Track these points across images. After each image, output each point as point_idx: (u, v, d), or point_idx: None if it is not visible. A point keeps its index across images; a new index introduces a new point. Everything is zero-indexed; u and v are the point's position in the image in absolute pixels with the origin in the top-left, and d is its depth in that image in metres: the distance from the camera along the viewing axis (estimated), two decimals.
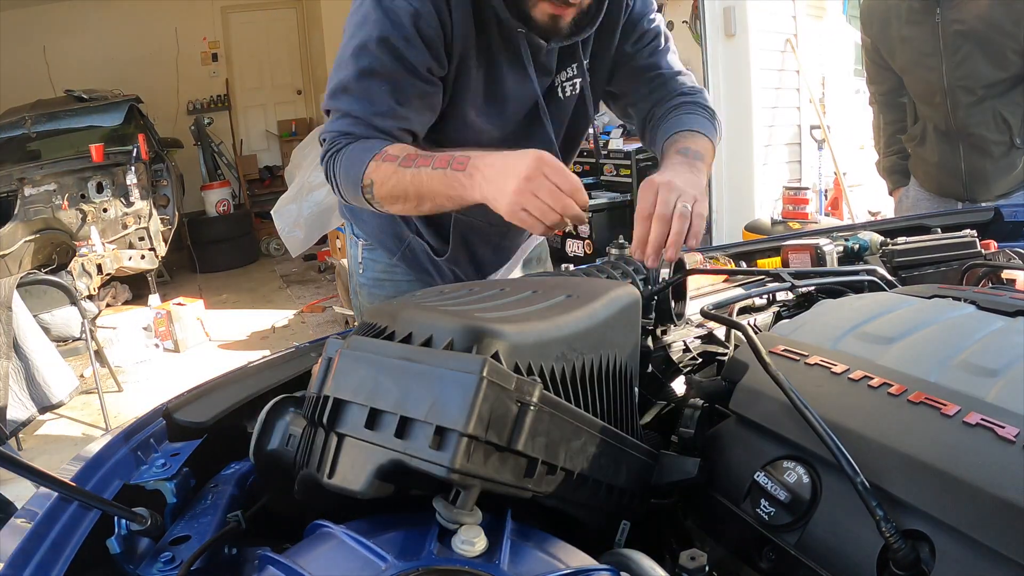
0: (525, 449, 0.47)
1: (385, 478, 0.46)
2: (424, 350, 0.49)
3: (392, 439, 0.45)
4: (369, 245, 1.52)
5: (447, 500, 0.45)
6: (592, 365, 0.60)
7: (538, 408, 0.47)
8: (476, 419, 0.43)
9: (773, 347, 0.74)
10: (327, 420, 0.49)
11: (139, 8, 7.64)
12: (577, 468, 0.54)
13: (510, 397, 0.46)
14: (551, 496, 0.53)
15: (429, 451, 0.44)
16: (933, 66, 2.11)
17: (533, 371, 0.52)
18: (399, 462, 0.45)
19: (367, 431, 0.47)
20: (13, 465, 0.50)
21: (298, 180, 5.04)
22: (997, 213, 1.60)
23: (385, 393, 0.47)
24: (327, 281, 6.17)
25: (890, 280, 1.08)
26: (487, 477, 0.45)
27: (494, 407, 0.44)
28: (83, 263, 4.98)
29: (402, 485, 0.47)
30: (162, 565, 0.55)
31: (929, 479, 0.53)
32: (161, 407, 0.79)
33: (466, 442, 0.43)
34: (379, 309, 0.60)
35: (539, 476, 0.50)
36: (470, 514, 0.45)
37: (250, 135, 8.78)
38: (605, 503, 0.60)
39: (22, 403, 3.05)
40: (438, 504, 0.45)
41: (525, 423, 0.46)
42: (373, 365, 0.48)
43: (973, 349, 0.66)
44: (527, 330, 0.53)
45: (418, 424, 0.45)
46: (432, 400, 0.45)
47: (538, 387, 0.47)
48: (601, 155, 5.03)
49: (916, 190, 2.44)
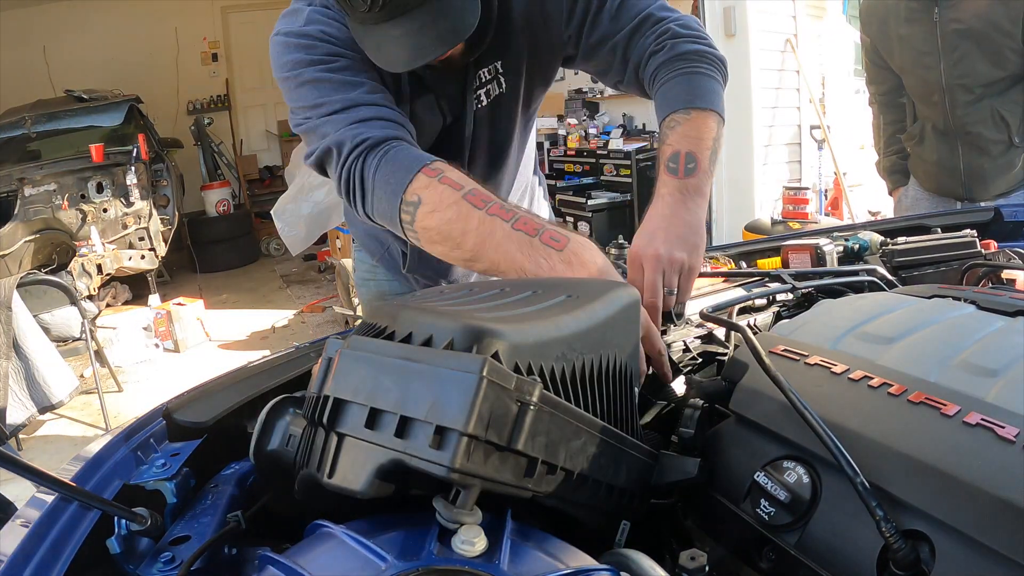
0: (525, 449, 0.47)
1: (385, 478, 0.46)
2: (424, 350, 0.49)
3: (392, 439, 0.45)
4: (358, 246, 1.57)
5: (447, 500, 0.45)
6: (592, 365, 0.60)
7: (538, 408, 0.47)
8: (476, 419, 0.43)
9: (773, 347, 0.74)
10: (327, 420, 0.49)
11: (139, 8, 7.65)
12: (577, 468, 0.54)
13: (510, 397, 0.46)
14: (551, 496, 0.53)
15: (429, 451, 0.44)
16: (931, 65, 2.11)
17: (533, 371, 0.52)
18: (399, 462, 0.45)
19: (367, 431, 0.47)
20: (13, 465, 0.50)
21: (298, 180, 5.04)
22: (997, 213, 1.60)
23: (385, 393, 0.47)
24: (327, 281, 6.17)
25: (890, 280, 1.08)
26: (487, 477, 0.45)
27: (494, 407, 0.44)
28: (83, 263, 4.98)
29: (402, 485, 0.47)
30: (162, 565, 0.55)
31: (929, 479, 0.53)
32: (161, 407, 0.79)
33: (466, 442, 0.43)
34: (379, 309, 0.60)
35: (539, 476, 0.50)
36: (470, 514, 0.45)
37: (250, 135, 8.78)
38: (605, 503, 0.60)
39: (22, 403, 3.05)
40: (438, 504, 0.45)
41: (525, 423, 0.47)
42: (373, 365, 0.48)
43: (973, 349, 0.66)
44: (527, 330, 0.53)
45: (418, 424, 0.45)
46: (432, 400, 0.45)
47: (538, 387, 0.47)
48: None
49: (915, 189, 2.45)
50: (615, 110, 6.23)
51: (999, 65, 2.03)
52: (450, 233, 0.88)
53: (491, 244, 0.85)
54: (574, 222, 5.53)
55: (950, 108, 2.13)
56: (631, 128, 5.98)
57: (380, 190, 0.95)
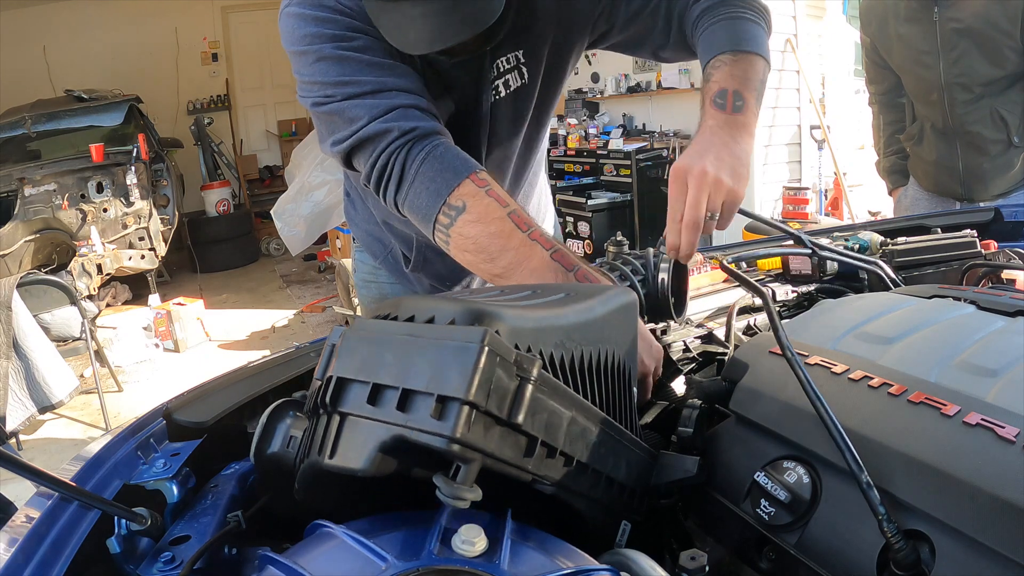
0: (524, 425, 0.47)
1: (387, 453, 0.46)
2: (426, 326, 0.49)
3: (394, 413, 0.45)
4: (359, 247, 1.54)
5: (448, 477, 0.45)
6: (590, 357, 0.60)
7: (537, 383, 0.48)
8: (477, 386, 0.43)
9: (773, 347, 0.74)
10: (330, 400, 0.49)
11: (139, 8, 7.65)
12: (576, 454, 0.54)
13: (509, 370, 0.46)
14: (551, 482, 0.53)
15: (430, 421, 0.44)
16: (930, 64, 2.11)
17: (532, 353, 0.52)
18: (400, 437, 0.45)
19: (369, 407, 0.47)
20: (13, 465, 0.50)
21: (298, 180, 5.04)
22: (997, 213, 1.60)
23: (387, 367, 0.47)
24: (327, 281, 6.17)
25: (894, 278, 1.08)
26: (487, 451, 0.45)
27: (495, 378, 0.45)
28: (83, 263, 4.98)
29: (404, 464, 0.47)
30: (162, 565, 0.55)
31: (929, 479, 0.53)
32: (161, 407, 0.79)
33: (467, 411, 0.43)
34: (382, 303, 0.60)
35: (539, 457, 0.50)
36: (471, 490, 0.45)
37: (250, 135, 8.79)
38: (605, 496, 0.60)
39: (22, 403, 3.05)
40: (438, 480, 0.45)
41: (524, 396, 0.47)
42: (375, 343, 0.49)
43: (973, 349, 0.66)
44: (527, 315, 0.54)
45: (420, 396, 0.45)
46: (433, 371, 0.45)
47: (537, 363, 0.48)
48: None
49: (915, 189, 2.45)
50: (615, 110, 6.23)
51: (998, 64, 2.03)
52: (488, 247, 0.89)
53: (526, 268, 0.86)
54: (574, 222, 5.53)
55: (949, 107, 2.13)
56: (631, 128, 5.99)
57: (421, 185, 0.94)
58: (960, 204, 2.28)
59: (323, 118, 1.01)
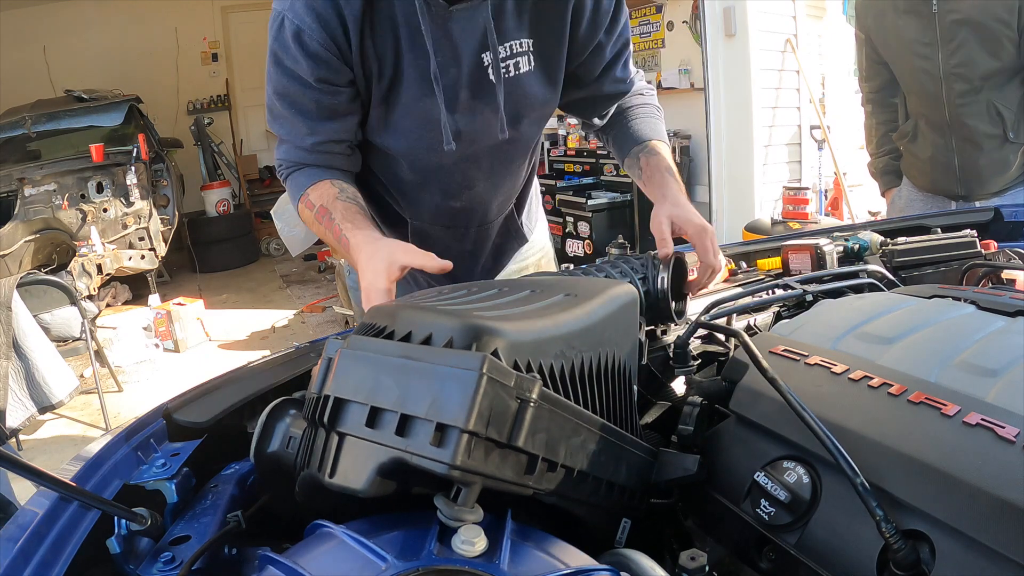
0: (525, 446, 0.47)
1: (386, 476, 0.46)
2: (424, 348, 0.49)
3: (393, 437, 0.45)
4: None
5: (448, 498, 0.45)
6: (591, 363, 0.60)
7: (538, 404, 0.48)
8: (476, 415, 0.43)
9: (773, 347, 0.74)
10: (327, 419, 0.49)
11: (139, 8, 7.65)
12: (577, 465, 0.54)
13: (510, 393, 0.46)
14: (552, 493, 0.53)
15: (430, 448, 0.44)
16: (929, 55, 2.10)
17: (532, 369, 0.52)
18: (400, 460, 0.45)
19: (368, 429, 0.47)
20: (13, 465, 0.50)
21: None
22: (997, 213, 1.60)
23: (385, 391, 0.47)
24: (327, 281, 6.17)
25: (891, 280, 1.08)
26: (488, 474, 0.45)
27: (494, 403, 0.44)
28: (83, 263, 4.98)
29: (403, 484, 0.47)
30: (162, 565, 0.55)
31: (929, 479, 0.53)
32: (161, 407, 0.79)
33: (467, 439, 0.43)
34: (378, 309, 0.60)
35: (540, 473, 0.50)
36: (471, 511, 0.45)
37: (250, 135, 8.78)
38: (605, 500, 0.60)
39: (22, 403, 3.05)
40: (439, 502, 0.45)
41: (525, 420, 0.47)
42: (373, 364, 0.48)
43: (973, 349, 0.66)
44: (526, 328, 0.53)
45: (419, 421, 0.45)
46: (432, 397, 0.45)
47: (538, 383, 0.47)
48: None
49: (909, 190, 2.43)
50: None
51: (996, 55, 2.03)
52: (323, 238, 1.17)
53: (334, 244, 1.11)
54: (574, 222, 5.52)
55: (947, 99, 2.12)
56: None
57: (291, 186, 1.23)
58: (956, 204, 2.27)
59: (268, 111, 1.20)
